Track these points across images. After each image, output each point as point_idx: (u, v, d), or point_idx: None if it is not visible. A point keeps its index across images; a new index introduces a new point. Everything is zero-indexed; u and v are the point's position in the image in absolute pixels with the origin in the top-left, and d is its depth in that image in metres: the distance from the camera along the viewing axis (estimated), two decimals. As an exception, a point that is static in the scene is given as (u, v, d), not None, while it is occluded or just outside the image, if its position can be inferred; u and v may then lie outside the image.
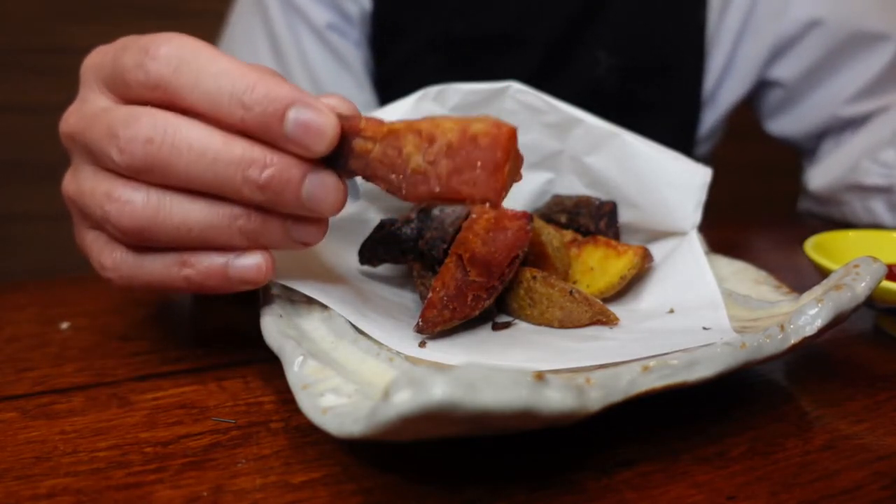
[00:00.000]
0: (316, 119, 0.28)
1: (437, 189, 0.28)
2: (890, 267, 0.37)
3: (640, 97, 0.74)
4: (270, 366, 0.34)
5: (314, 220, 0.31)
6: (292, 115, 0.28)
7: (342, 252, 0.43)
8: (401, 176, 0.29)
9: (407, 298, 0.41)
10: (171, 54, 0.28)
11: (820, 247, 0.44)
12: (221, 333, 0.40)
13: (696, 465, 0.27)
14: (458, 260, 0.36)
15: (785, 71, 0.76)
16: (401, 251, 0.40)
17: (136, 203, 0.29)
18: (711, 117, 0.79)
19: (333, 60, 0.73)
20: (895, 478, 0.27)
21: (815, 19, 0.72)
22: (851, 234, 0.48)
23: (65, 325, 0.41)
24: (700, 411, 0.31)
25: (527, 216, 0.38)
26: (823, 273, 0.39)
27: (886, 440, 0.29)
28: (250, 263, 0.31)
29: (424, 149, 0.28)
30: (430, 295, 0.35)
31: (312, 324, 0.34)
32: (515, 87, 0.45)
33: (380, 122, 0.29)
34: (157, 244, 0.31)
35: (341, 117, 0.29)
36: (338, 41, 0.73)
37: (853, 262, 0.33)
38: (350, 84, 0.74)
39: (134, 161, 0.29)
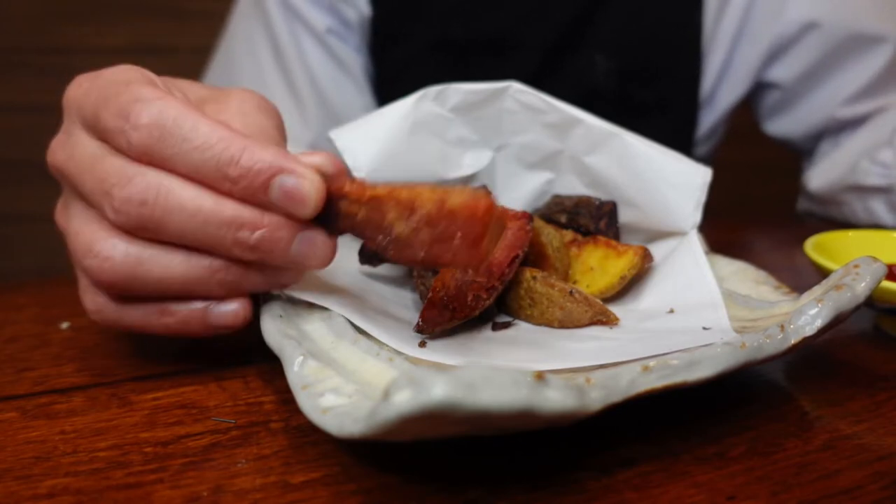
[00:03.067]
0: (299, 186, 0.29)
1: (421, 255, 0.29)
2: (890, 267, 0.37)
3: (637, 99, 0.74)
4: (270, 366, 0.34)
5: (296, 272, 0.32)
6: (276, 184, 0.29)
7: (342, 252, 0.43)
8: (388, 238, 0.29)
9: (407, 298, 0.41)
10: (151, 124, 0.29)
11: (820, 247, 0.44)
12: (221, 334, 0.40)
13: (696, 465, 0.27)
14: (458, 260, 0.36)
15: (782, 72, 0.76)
16: (401, 251, 0.40)
17: (116, 259, 0.30)
18: (710, 119, 0.79)
19: (334, 65, 0.73)
20: (895, 478, 0.27)
21: (812, 21, 0.72)
22: (851, 234, 0.48)
23: (65, 325, 0.41)
24: (700, 411, 0.31)
25: (527, 216, 0.38)
26: (823, 273, 0.39)
27: (886, 440, 0.29)
28: (228, 311, 0.32)
29: (406, 217, 0.29)
30: (430, 295, 0.35)
31: (312, 324, 0.34)
32: (515, 86, 0.45)
33: (363, 186, 0.30)
34: (137, 295, 0.31)
35: (327, 179, 0.30)
36: (338, 46, 0.73)
37: (853, 262, 0.33)
38: (350, 88, 0.74)
39: (129, 221, 0.29)
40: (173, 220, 0.29)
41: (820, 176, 0.75)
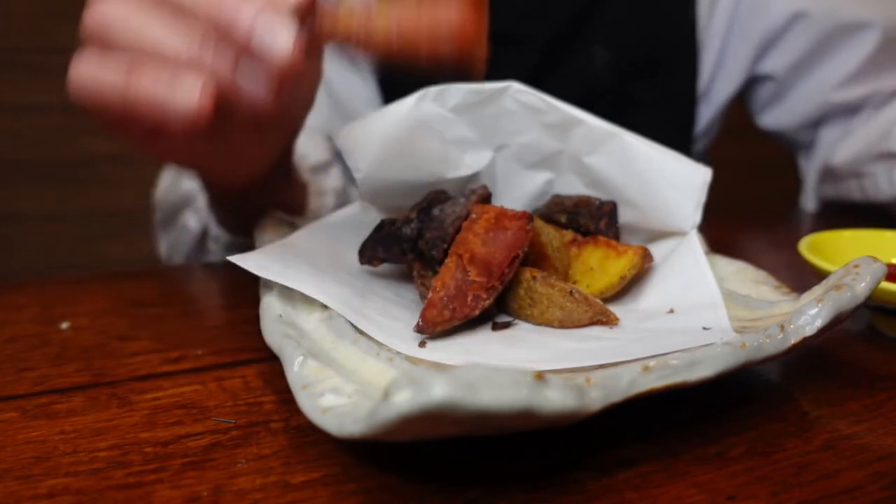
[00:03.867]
0: None
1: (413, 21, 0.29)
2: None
3: (636, 94, 0.75)
4: (270, 366, 0.34)
5: (264, 71, 0.32)
6: None
7: (342, 252, 0.43)
8: (369, 21, 0.30)
9: (407, 298, 0.41)
10: None
11: (814, 246, 0.44)
12: (221, 333, 0.40)
13: (696, 465, 0.27)
14: (458, 260, 0.36)
15: (773, 64, 0.77)
16: (401, 251, 0.40)
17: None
18: (707, 113, 0.80)
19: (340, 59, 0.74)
20: (895, 478, 0.27)
21: (799, 12, 0.73)
22: (847, 234, 0.48)
23: (65, 325, 0.41)
24: (700, 411, 0.31)
25: (527, 216, 0.38)
26: (818, 273, 0.39)
27: (886, 440, 0.29)
28: (193, 86, 0.31)
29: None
30: (430, 295, 0.35)
31: (312, 324, 0.34)
32: (516, 87, 0.45)
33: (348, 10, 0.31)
34: (115, 45, 0.32)
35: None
36: None
37: (853, 261, 0.33)
38: (357, 82, 0.75)
39: None
40: None
41: (848, 147, 0.74)
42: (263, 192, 0.49)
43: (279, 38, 0.31)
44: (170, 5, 0.32)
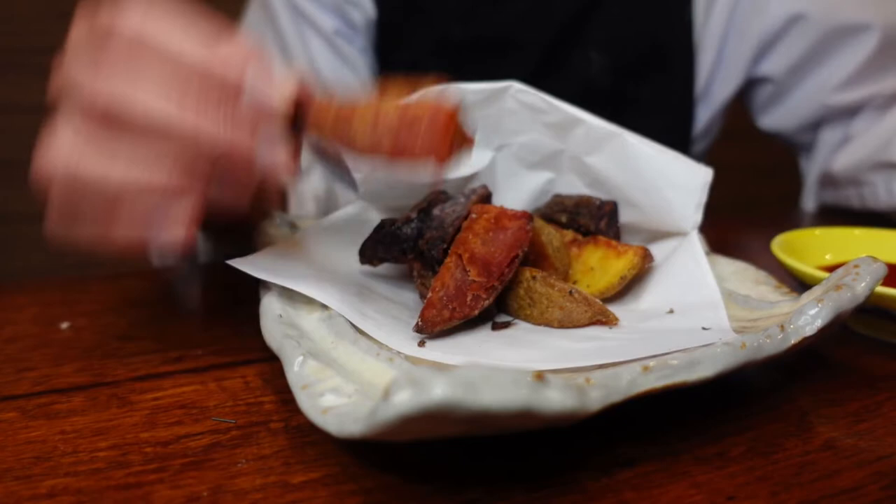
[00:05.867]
0: (272, 72, 0.30)
1: (388, 146, 0.30)
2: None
3: (633, 96, 0.75)
4: (270, 366, 0.34)
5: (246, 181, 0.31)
6: (252, 66, 0.30)
7: (342, 252, 0.43)
8: (353, 140, 0.31)
9: (407, 298, 0.41)
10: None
11: (787, 245, 0.45)
12: (221, 333, 0.40)
13: (696, 465, 0.27)
14: (458, 260, 0.36)
15: (772, 66, 0.77)
16: (401, 251, 0.40)
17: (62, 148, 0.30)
18: (706, 114, 0.80)
19: (341, 65, 0.74)
20: (895, 478, 0.27)
21: (796, 14, 0.73)
22: (817, 233, 0.49)
23: (65, 325, 0.41)
24: (700, 411, 0.31)
25: (527, 216, 0.38)
26: (789, 271, 0.39)
27: (886, 440, 0.29)
28: (171, 223, 0.31)
29: (370, 130, 0.30)
30: (429, 295, 0.35)
31: (312, 324, 0.34)
32: (516, 86, 0.45)
33: (328, 109, 0.31)
34: (81, 192, 0.30)
35: (302, 89, 0.31)
36: (344, 47, 0.74)
37: (853, 261, 0.33)
38: (356, 88, 0.75)
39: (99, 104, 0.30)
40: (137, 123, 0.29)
41: (848, 154, 0.74)
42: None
43: (276, 157, 0.31)
44: (131, 130, 0.29)
